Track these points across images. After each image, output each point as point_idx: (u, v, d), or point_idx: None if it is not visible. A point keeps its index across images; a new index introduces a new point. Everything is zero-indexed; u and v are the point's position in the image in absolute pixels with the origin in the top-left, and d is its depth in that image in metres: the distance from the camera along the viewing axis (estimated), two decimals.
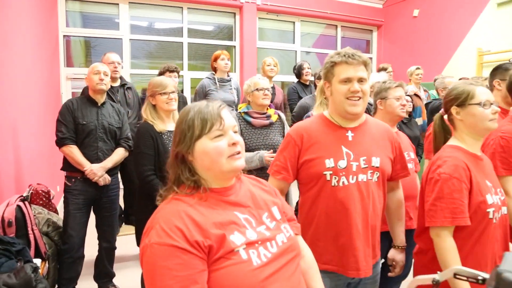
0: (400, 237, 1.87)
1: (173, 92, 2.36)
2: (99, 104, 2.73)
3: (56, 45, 5.45)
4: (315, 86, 3.68)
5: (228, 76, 3.86)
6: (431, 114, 3.18)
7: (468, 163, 1.51)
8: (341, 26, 7.81)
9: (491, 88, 2.38)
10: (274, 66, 4.00)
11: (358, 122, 1.61)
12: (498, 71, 2.37)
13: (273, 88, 4.05)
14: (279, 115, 2.75)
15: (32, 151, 3.57)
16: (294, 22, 7.35)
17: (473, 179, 1.48)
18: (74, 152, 2.57)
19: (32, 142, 3.58)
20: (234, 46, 6.85)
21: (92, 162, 2.61)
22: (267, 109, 2.68)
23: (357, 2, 7.67)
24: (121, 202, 3.52)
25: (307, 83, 4.32)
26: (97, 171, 2.60)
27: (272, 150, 2.54)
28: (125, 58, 6.00)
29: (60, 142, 2.58)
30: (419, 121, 4.77)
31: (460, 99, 1.58)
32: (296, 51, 7.43)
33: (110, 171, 2.71)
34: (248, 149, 2.52)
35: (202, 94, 3.73)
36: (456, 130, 1.64)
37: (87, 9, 5.94)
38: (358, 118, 1.60)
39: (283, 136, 2.72)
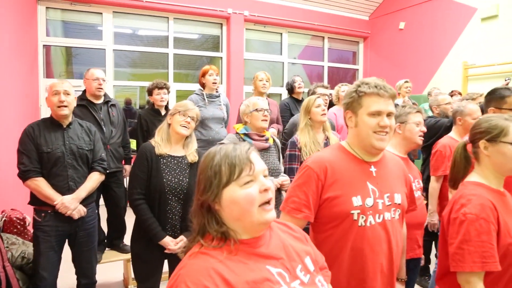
0: (402, 270, 1.79)
1: (193, 118, 2.25)
2: (64, 126, 2.39)
3: (35, 55, 5.24)
4: None
5: (217, 91, 3.72)
6: (427, 132, 3.12)
7: (493, 201, 1.41)
8: (328, 37, 7.79)
9: (486, 113, 2.32)
10: (267, 81, 3.86)
11: (379, 156, 1.50)
12: (493, 97, 2.29)
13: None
14: (274, 139, 2.67)
15: (5, 173, 3.35)
16: (281, 34, 7.29)
17: (500, 219, 1.39)
18: (40, 185, 2.25)
19: (6, 162, 3.35)
20: (221, 57, 6.74)
21: (63, 193, 2.29)
22: (264, 131, 2.58)
23: (344, 14, 7.67)
24: (104, 226, 3.34)
25: (300, 98, 4.22)
26: (70, 203, 2.28)
27: (280, 178, 2.53)
28: (108, 68, 5.82)
29: (23, 176, 2.26)
30: None
31: (492, 134, 1.48)
32: (283, 62, 7.36)
33: (85, 201, 2.40)
34: None
35: None
36: (479, 164, 1.55)
37: (69, 18, 5.73)
38: (381, 152, 1.50)
39: (279, 159, 2.63)
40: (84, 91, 3.32)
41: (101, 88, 3.25)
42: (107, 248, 3.34)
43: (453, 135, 2.79)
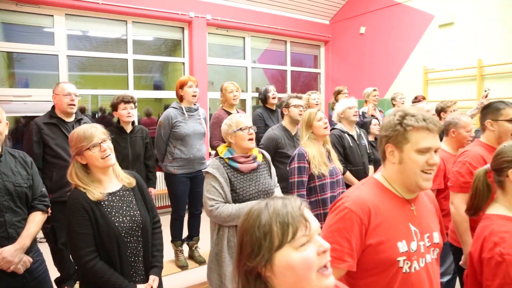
0: None
1: (105, 140, 1.83)
2: None
3: None
4: (282, 114, 3.45)
5: (195, 104, 3.49)
6: None
7: None
8: (290, 41, 7.75)
9: (483, 128, 2.33)
10: (237, 91, 3.69)
11: (417, 192, 1.38)
12: (489, 110, 2.32)
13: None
14: (263, 154, 2.49)
15: None
16: (244, 38, 7.14)
17: None
18: None
19: None
20: (183, 63, 6.46)
21: (1, 244, 1.88)
22: (251, 150, 2.40)
23: (305, 18, 7.66)
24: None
25: (274, 108, 4.09)
26: (12, 256, 1.87)
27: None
28: (62, 76, 5.35)
29: None
30: None
31: None
32: (246, 67, 7.22)
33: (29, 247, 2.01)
34: (242, 199, 2.25)
35: (168, 126, 3.32)
36: (505, 194, 1.49)
37: (13, 20, 5.19)
38: None
39: (271, 176, 2.46)
40: (53, 108, 2.98)
41: (74, 105, 2.93)
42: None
43: (445, 147, 2.79)
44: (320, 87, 8.32)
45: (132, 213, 1.86)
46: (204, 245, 3.75)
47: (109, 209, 1.79)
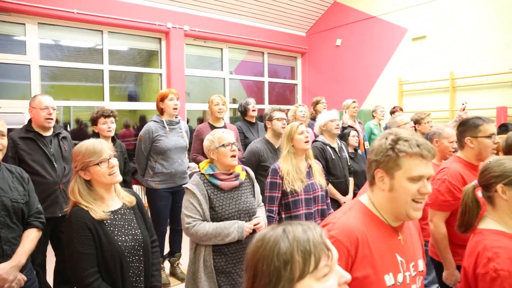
0: None
1: (112, 157, 1.80)
2: None
3: None
4: (265, 127, 3.42)
5: (177, 117, 3.43)
6: None
7: None
8: (268, 53, 7.80)
9: (462, 145, 2.34)
10: (223, 104, 3.65)
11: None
12: (467, 127, 2.29)
13: (224, 127, 3.71)
14: (247, 172, 2.44)
15: None
16: (221, 49, 7.12)
17: None
18: None
19: None
20: (160, 74, 6.37)
21: None
22: (234, 167, 2.35)
23: (282, 30, 7.73)
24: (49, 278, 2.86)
25: (254, 121, 4.07)
26: (7, 274, 1.83)
27: (253, 221, 2.27)
28: (34, 87, 5.16)
29: None
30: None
31: (510, 178, 1.43)
32: (224, 78, 7.19)
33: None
34: (221, 218, 2.18)
35: (148, 140, 3.24)
36: (495, 209, 1.50)
37: None
38: None
39: (254, 195, 2.41)
40: (30, 121, 2.85)
41: (51, 119, 2.81)
42: None
43: None
44: (297, 98, 8.39)
45: (133, 232, 1.83)
46: (186, 262, 3.66)
47: (111, 228, 1.76)
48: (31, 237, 2.02)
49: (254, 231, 2.22)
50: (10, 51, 5.10)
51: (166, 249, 3.50)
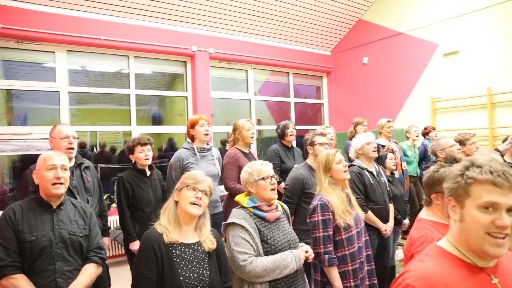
0: None
1: (206, 193, 1.85)
2: (54, 207, 2.00)
3: None
4: (306, 152, 3.26)
5: (208, 144, 3.31)
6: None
7: None
8: (293, 73, 7.69)
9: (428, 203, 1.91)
10: (253, 128, 3.52)
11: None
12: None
13: (249, 154, 3.56)
14: (281, 205, 2.31)
15: None
16: (246, 70, 7.06)
17: None
18: (19, 285, 1.78)
19: None
20: (186, 97, 6.33)
21: None
22: (272, 200, 2.20)
23: (306, 49, 7.64)
24: None
25: (290, 146, 3.90)
26: None
27: (303, 248, 2.15)
28: (63, 112, 5.18)
29: None
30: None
31: None
32: (250, 99, 7.11)
33: None
34: (273, 250, 2.02)
35: (179, 168, 3.12)
36: None
37: (14, 57, 5.06)
38: None
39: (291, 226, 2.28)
40: None
41: (72, 148, 2.70)
42: None
43: None
44: (323, 117, 8.21)
45: (201, 272, 1.75)
46: None
47: (178, 260, 1.71)
48: (87, 272, 1.99)
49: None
50: (40, 78, 5.16)
51: None
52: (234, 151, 3.45)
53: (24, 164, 5.05)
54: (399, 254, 4.22)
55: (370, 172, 3.37)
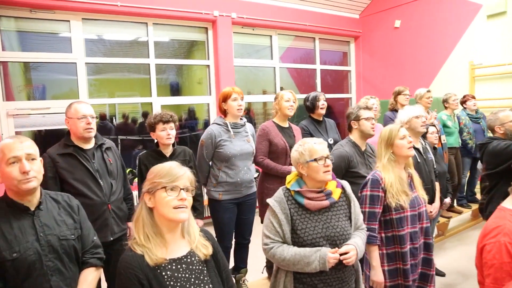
0: None
1: (188, 189, 1.43)
2: (32, 209, 1.60)
3: None
4: (350, 127, 2.96)
5: (242, 119, 3.05)
6: (494, 158, 2.65)
7: None
8: (319, 38, 7.25)
9: None
10: (294, 102, 3.19)
11: None
12: None
13: (290, 128, 3.28)
14: (343, 188, 2.00)
15: None
16: (271, 36, 6.66)
17: None
18: None
19: None
20: (208, 65, 6.02)
21: None
22: (327, 183, 1.94)
23: (333, 13, 7.15)
24: None
25: (321, 119, 3.60)
26: None
27: (336, 248, 1.81)
28: (82, 84, 4.96)
29: None
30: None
31: None
32: (274, 67, 6.75)
33: None
34: (302, 243, 1.81)
35: (211, 146, 2.89)
36: None
37: (28, 28, 4.81)
38: None
39: (349, 218, 1.97)
40: (68, 134, 2.47)
41: (91, 128, 2.42)
42: None
43: None
44: (350, 85, 7.81)
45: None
46: (253, 277, 3.33)
47: (172, 282, 1.36)
48: (88, 280, 1.68)
49: (340, 261, 1.79)
50: (56, 49, 4.91)
51: (231, 264, 3.17)
52: (268, 124, 3.19)
53: (46, 140, 4.90)
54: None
55: (417, 149, 3.09)
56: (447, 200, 3.56)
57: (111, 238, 2.44)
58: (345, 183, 2.03)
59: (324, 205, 1.87)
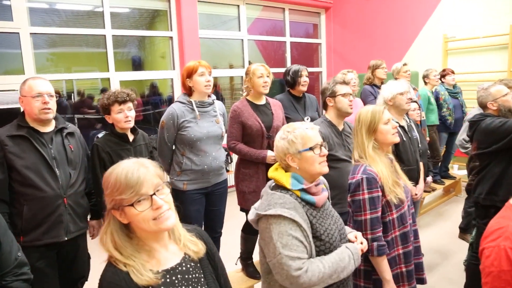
0: None
1: (159, 189, 1.11)
2: None
3: None
4: (325, 104, 2.66)
5: (210, 96, 2.68)
6: (488, 136, 2.45)
7: None
8: (289, 9, 6.87)
9: None
10: (267, 76, 2.81)
11: None
12: None
13: (267, 105, 2.95)
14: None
15: None
16: (238, 6, 6.22)
17: None
18: None
19: None
20: (171, 37, 5.53)
21: None
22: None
23: None
24: None
25: (300, 95, 3.30)
26: None
27: (358, 239, 1.65)
28: (27, 58, 4.38)
29: None
30: None
31: None
32: (242, 39, 6.34)
33: None
34: (327, 249, 1.50)
35: (173, 128, 2.51)
36: None
37: None
38: None
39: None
40: (23, 114, 2.10)
41: (49, 109, 2.04)
42: None
43: None
44: (321, 59, 7.54)
45: None
46: (226, 270, 3.07)
47: None
48: None
49: None
50: None
51: None
52: (240, 104, 2.83)
53: None
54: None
55: (402, 127, 2.87)
56: (429, 178, 3.41)
57: (66, 238, 2.09)
58: None
59: (326, 196, 1.61)
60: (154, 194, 1.09)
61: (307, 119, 3.23)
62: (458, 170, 5.60)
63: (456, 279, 3.21)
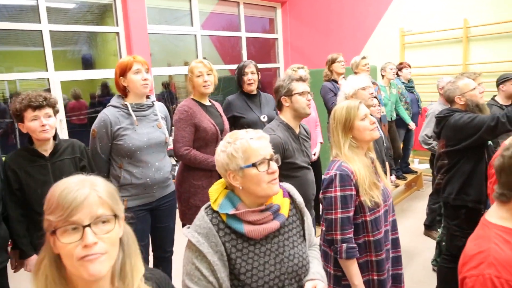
0: None
1: (101, 220, 0.82)
2: None
3: None
4: (279, 104, 2.38)
5: (148, 97, 2.35)
6: (456, 133, 2.31)
7: None
8: (244, 3, 6.60)
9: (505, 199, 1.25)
10: (208, 74, 2.50)
11: None
12: None
13: (213, 106, 2.66)
14: (291, 197, 1.42)
15: None
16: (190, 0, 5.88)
17: None
18: None
19: None
20: (118, 33, 5.11)
21: None
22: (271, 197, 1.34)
23: None
24: None
25: (254, 93, 3.03)
26: None
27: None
28: None
29: None
30: None
31: None
32: (195, 35, 6.00)
33: None
34: None
35: (106, 137, 2.14)
36: None
37: None
38: None
39: (304, 237, 1.42)
40: None
41: None
42: None
43: None
44: (278, 54, 7.34)
45: None
46: None
47: None
48: None
49: None
50: None
51: None
52: (189, 103, 2.52)
53: None
54: None
55: None
56: (393, 177, 3.29)
57: None
58: (290, 188, 1.46)
59: (273, 228, 1.28)
60: (89, 225, 0.81)
61: (264, 117, 2.99)
62: (419, 164, 5.59)
63: (425, 280, 3.10)
